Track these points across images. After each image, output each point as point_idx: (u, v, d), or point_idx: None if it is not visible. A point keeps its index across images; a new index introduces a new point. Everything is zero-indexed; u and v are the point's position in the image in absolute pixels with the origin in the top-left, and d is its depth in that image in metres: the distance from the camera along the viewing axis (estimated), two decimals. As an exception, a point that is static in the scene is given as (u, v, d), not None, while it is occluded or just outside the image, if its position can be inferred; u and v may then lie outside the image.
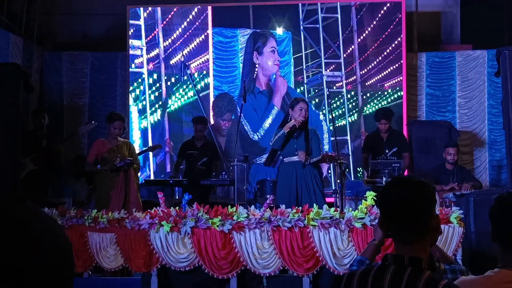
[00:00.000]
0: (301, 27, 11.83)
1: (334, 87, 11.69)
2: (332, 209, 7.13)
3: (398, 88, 11.60)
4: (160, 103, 12.02)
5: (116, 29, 12.04)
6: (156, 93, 12.04)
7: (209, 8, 11.96)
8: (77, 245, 7.47)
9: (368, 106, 11.68)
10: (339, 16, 11.79)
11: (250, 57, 11.90)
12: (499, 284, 2.58)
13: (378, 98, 11.65)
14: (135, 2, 12.04)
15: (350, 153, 11.38)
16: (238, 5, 12.04)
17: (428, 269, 2.33)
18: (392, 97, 11.61)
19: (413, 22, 11.93)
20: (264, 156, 11.18)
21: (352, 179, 11.18)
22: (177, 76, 12.00)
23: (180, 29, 12.02)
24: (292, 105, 8.59)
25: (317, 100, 11.80)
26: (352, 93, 11.73)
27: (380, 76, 11.66)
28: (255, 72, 11.88)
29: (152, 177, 11.59)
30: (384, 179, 8.98)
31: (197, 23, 11.98)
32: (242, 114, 10.16)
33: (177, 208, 7.43)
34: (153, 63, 12.05)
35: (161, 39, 12.03)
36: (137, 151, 10.05)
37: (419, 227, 2.40)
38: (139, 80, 12.06)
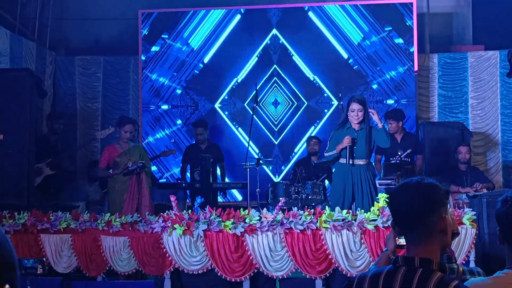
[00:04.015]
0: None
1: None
2: (344, 211, 7.13)
3: (410, 90, 11.56)
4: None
5: (128, 34, 12.07)
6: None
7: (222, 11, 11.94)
8: (91, 249, 7.52)
9: (380, 107, 11.63)
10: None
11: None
12: (509, 285, 2.59)
13: (390, 100, 11.62)
14: (146, 7, 12.07)
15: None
16: (252, 8, 11.97)
17: (439, 270, 2.33)
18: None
19: (425, 23, 11.90)
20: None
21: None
22: (190, 79, 11.99)
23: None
24: (348, 105, 8.24)
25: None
26: (364, 94, 11.69)
27: (392, 77, 11.62)
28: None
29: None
30: (397, 180, 8.95)
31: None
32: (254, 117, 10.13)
33: (189, 211, 7.46)
34: (166, 67, 12.04)
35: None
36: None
37: (427, 229, 2.40)
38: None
